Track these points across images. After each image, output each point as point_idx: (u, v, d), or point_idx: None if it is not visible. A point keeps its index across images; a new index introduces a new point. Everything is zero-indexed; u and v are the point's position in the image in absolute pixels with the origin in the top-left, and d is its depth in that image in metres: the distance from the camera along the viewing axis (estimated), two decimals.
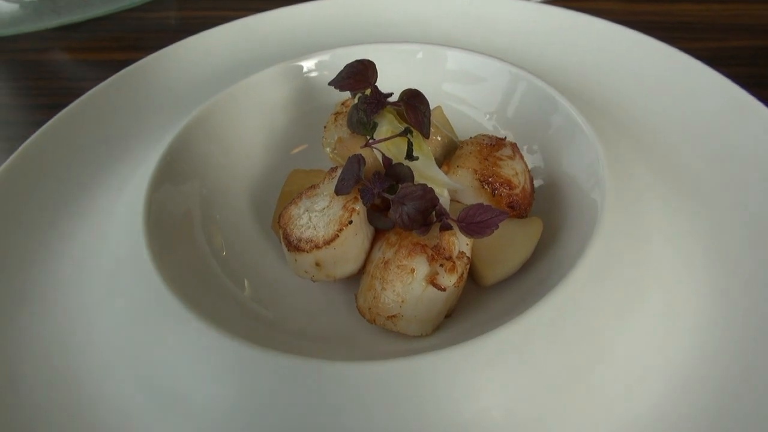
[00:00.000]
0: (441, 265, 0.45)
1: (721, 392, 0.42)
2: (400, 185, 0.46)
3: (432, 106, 0.63)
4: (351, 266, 0.49)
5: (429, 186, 0.46)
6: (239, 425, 0.42)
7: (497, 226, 0.45)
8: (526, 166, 0.55)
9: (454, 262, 0.45)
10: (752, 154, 0.55)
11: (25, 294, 0.52)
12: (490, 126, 0.62)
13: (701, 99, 0.61)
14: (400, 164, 0.48)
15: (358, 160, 0.47)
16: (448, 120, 0.62)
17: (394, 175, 0.48)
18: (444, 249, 0.45)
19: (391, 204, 0.45)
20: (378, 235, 0.50)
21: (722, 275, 0.48)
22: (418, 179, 0.48)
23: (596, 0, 0.90)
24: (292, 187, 0.59)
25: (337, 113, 0.59)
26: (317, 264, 0.49)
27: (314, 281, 0.51)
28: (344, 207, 0.48)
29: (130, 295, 0.49)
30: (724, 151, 0.56)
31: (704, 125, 0.58)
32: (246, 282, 0.53)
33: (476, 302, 0.50)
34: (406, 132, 0.48)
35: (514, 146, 0.54)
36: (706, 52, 0.80)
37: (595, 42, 0.69)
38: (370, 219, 0.50)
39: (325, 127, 0.60)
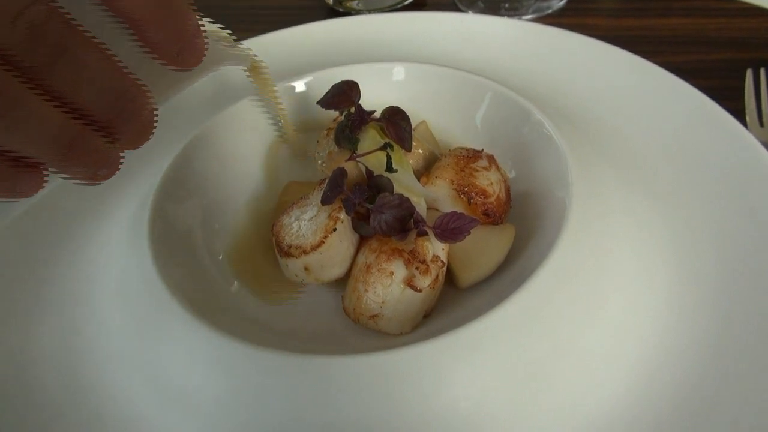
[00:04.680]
0: (416, 268, 0.49)
1: (675, 385, 0.45)
2: (379, 195, 0.50)
3: (419, 120, 0.67)
4: (337, 270, 0.54)
5: (405, 196, 0.50)
6: (234, 415, 0.46)
7: (469, 233, 0.49)
8: (503, 176, 0.58)
9: (428, 266, 0.49)
10: (717, 163, 0.58)
11: (41, 301, 0.57)
12: (472, 139, 0.65)
13: (672, 110, 0.64)
14: (381, 176, 0.52)
15: (341, 173, 0.51)
16: (432, 134, 0.66)
17: (375, 186, 0.52)
18: (419, 253, 0.49)
19: (371, 213, 0.50)
20: (363, 241, 0.55)
21: (681, 278, 0.51)
22: (397, 189, 0.53)
23: (582, 16, 0.94)
24: (287, 198, 0.63)
25: (329, 129, 0.64)
26: (306, 268, 0.53)
27: (304, 284, 0.55)
28: (329, 216, 0.52)
29: (136, 300, 0.54)
30: (690, 160, 0.59)
31: (673, 136, 0.62)
32: (242, 286, 0.58)
33: (453, 303, 0.54)
34: (385, 147, 0.52)
35: (490, 158, 0.58)
36: (687, 64, 0.83)
37: (574, 57, 0.73)
38: (355, 227, 0.54)
39: (317, 141, 0.64)
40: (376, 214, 0.49)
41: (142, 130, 0.36)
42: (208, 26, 0.46)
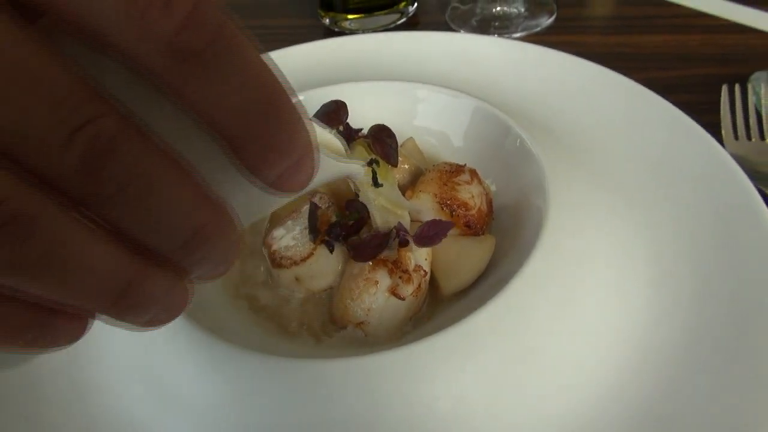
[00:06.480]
0: (400, 278, 0.52)
1: (651, 388, 0.47)
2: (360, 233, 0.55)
3: (406, 137, 0.70)
4: (327, 280, 0.57)
5: (382, 233, 0.54)
6: (228, 418, 0.49)
7: (446, 235, 0.53)
8: (485, 189, 0.61)
9: (410, 275, 0.52)
10: (690, 174, 0.61)
11: None
12: (458, 154, 0.68)
13: (649, 125, 0.67)
14: (355, 201, 0.56)
15: (314, 209, 0.56)
16: (420, 150, 0.69)
17: (352, 208, 0.56)
18: (401, 263, 0.52)
19: (350, 251, 0.53)
20: None
21: (656, 286, 0.53)
22: (383, 203, 0.55)
23: (569, 34, 0.97)
24: (281, 211, 0.66)
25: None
26: (297, 279, 0.56)
27: (295, 293, 0.58)
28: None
29: None
30: (665, 172, 0.62)
31: (649, 149, 0.64)
32: (238, 295, 0.61)
33: (438, 310, 0.57)
34: (370, 163, 0.56)
35: (472, 172, 0.61)
36: (671, 79, 0.86)
37: (556, 75, 0.76)
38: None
39: None
40: (356, 253, 0.53)
41: (220, 262, 0.27)
42: (319, 135, 0.37)
